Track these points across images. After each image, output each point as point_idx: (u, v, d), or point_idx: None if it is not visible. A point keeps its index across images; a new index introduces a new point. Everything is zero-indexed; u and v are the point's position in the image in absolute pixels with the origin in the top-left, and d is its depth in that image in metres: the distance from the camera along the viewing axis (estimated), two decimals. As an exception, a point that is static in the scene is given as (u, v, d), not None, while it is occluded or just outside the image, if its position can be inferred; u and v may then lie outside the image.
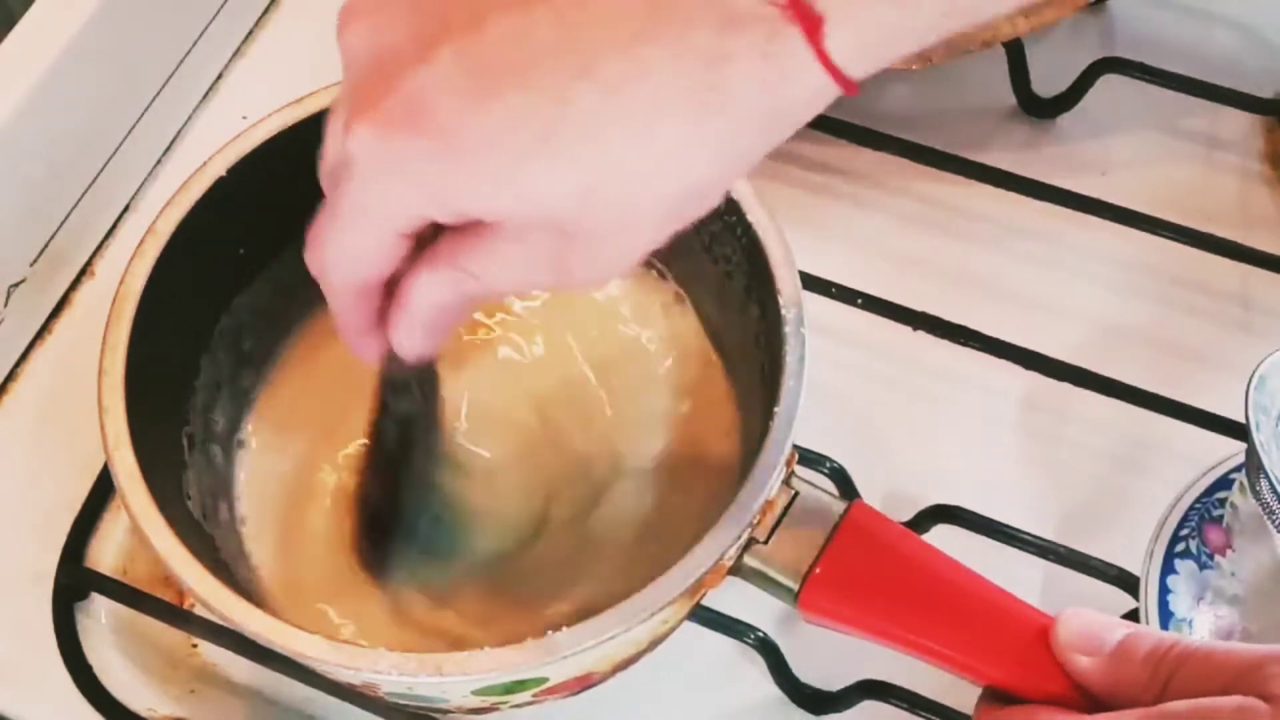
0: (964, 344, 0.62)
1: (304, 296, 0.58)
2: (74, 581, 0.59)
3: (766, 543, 0.48)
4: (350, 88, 0.39)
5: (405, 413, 0.50)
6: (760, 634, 0.56)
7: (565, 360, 0.58)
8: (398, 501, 0.53)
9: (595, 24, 0.35)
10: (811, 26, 0.35)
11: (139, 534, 0.48)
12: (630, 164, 0.36)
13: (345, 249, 0.40)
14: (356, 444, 0.56)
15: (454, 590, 0.54)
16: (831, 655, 0.55)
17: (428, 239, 0.40)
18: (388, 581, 0.53)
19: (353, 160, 0.38)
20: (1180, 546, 0.55)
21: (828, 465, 0.59)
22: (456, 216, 0.38)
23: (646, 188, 0.37)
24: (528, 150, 0.36)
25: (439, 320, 0.41)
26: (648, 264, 0.59)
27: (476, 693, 0.48)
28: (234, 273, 0.57)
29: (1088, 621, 0.44)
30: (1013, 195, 0.66)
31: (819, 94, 0.36)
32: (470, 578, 0.54)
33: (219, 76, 0.73)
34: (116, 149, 0.67)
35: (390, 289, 0.41)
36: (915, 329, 0.62)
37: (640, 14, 0.35)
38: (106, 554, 0.60)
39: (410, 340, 0.42)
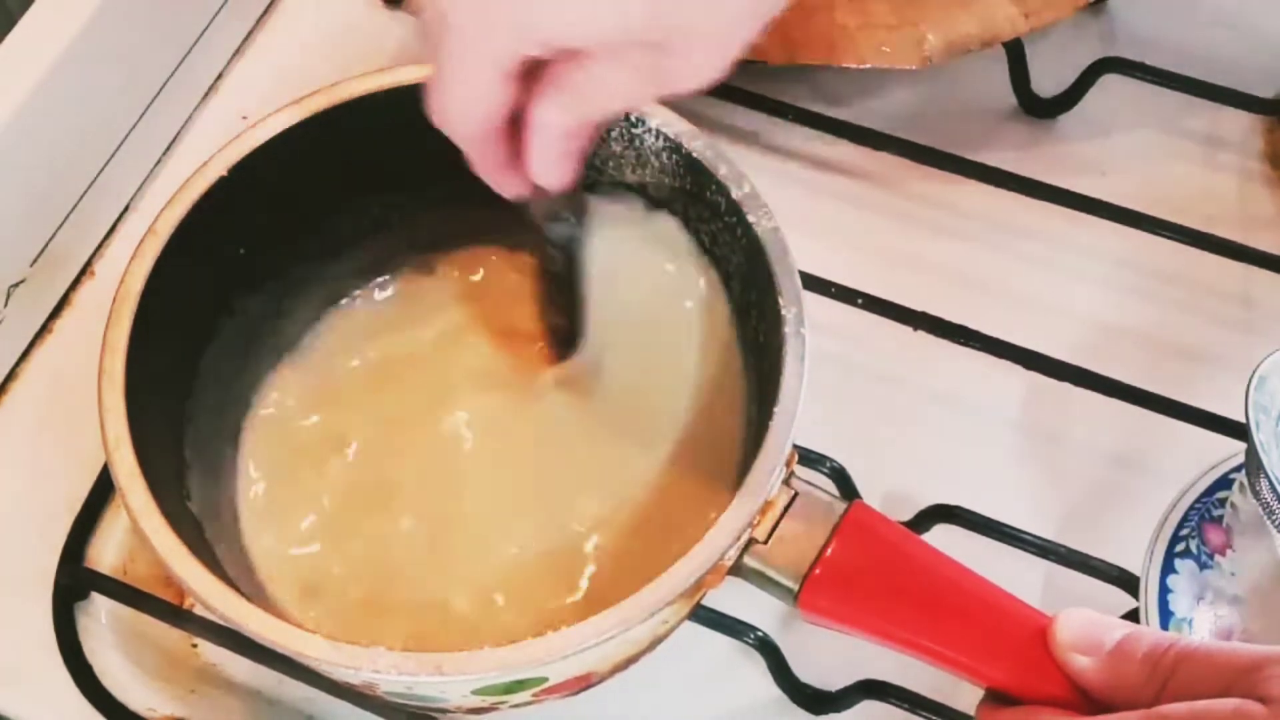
0: (964, 344, 0.62)
1: (303, 295, 0.58)
2: (74, 581, 0.59)
3: (766, 543, 0.48)
4: None
5: (565, 237, 0.52)
6: (760, 634, 0.56)
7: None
8: (577, 313, 0.55)
9: None
10: None
11: (139, 534, 0.48)
12: None
13: (457, 98, 0.43)
14: (356, 443, 0.56)
15: (434, 592, 0.54)
16: (831, 655, 0.55)
17: (537, 76, 0.42)
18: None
19: (445, 11, 0.40)
20: (1180, 546, 0.55)
21: (828, 465, 0.59)
22: (548, 49, 0.41)
23: None
24: None
25: (567, 145, 0.44)
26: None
27: (476, 692, 0.48)
28: (234, 273, 0.57)
29: (1086, 621, 0.44)
30: (1013, 195, 0.66)
31: None
32: (463, 582, 0.54)
33: (219, 76, 0.73)
34: (116, 149, 0.67)
35: (516, 127, 0.44)
36: (915, 329, 0.62)
37: None
38: (106, 554, 0.60)
39: (546, 168, 0.44)
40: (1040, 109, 0.70)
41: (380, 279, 0.60)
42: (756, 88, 0.67)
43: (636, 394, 0.56)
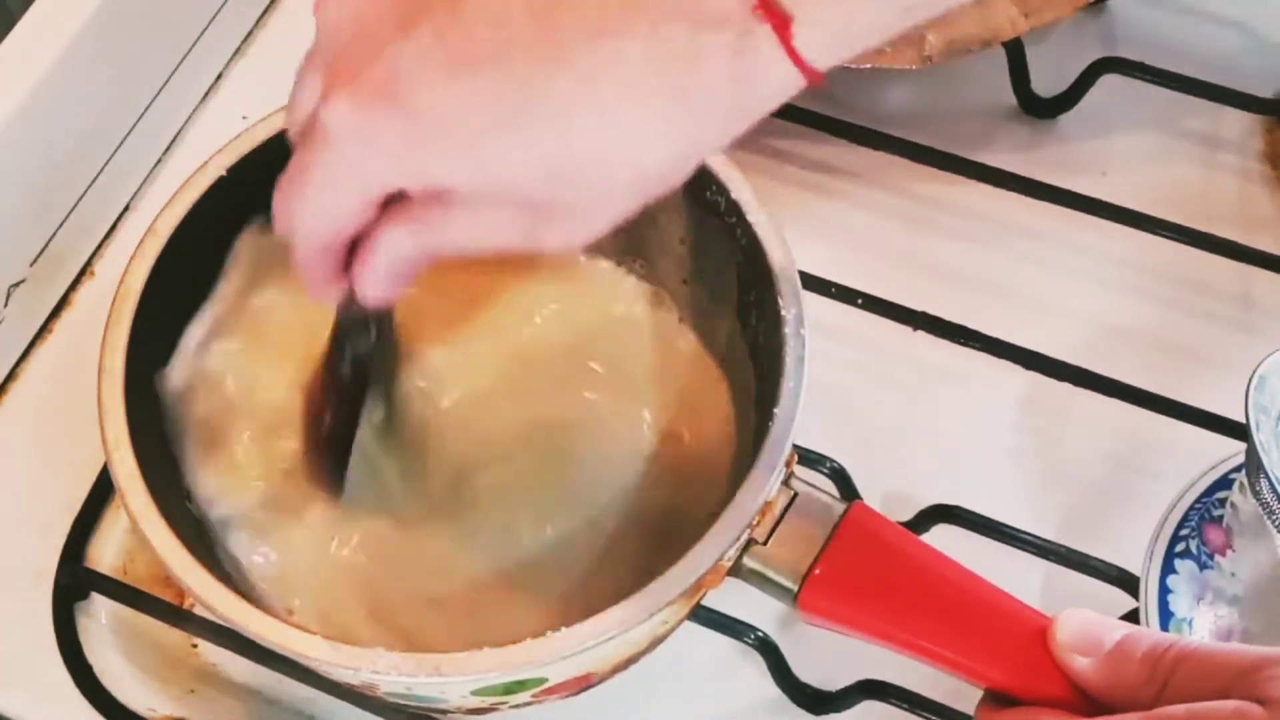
0: (964, 344, 0.62)
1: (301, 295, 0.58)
2: (74, 581, 0.59)
3: (766, 543, 0.48)
4: (329, 57, 0.40)
5: (361, 352, 0.50)
6: (760, 634, 0.56)
7: (562, 357, 0.58)
8: (346, 432, 0.53)
9: (573, 15, 0.37)
10: (781, 25, 0.36)
11: (139, 534, 0.48)
12: (598, 150, 0.38)
13: (313, 211, 0.41)
14: (361, 439, 0.56)
15: (434, 592, 0.54)
16: (831, 655, 0.55)
17: (397, 195, 0.41)
18: (335, 497, 0.54)
19: (328, 129, 0.39)
20: (1180, 546, 0.55)
21: (828, 465, 0.59)
22: (427, 188, 0.40)
23: (612, 172, 0.38)
24: (501, 129, 0.37)
25: (402, 270, 0.43)
26: (648, 265, 0.59)
27: (476, 693, 0.48)
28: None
29: (1086, 622, 0.43)
30: (1013, 195, 0.66)
31: (786, 87, 0.38)
32: (460, 582, 0.54)
33: (219, 76, 0.73)
34: (116, 149, 0.67)
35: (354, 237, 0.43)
36: (915, 329, 0.62)
37: (616, 9, 0.37)
38: (106, 554, 0.60)
39: (373, 289, 0.43)
40: (1040, 109, 0.70)
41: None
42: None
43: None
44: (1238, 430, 0.55)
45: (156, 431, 0.52)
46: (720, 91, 0.37)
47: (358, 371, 0.51)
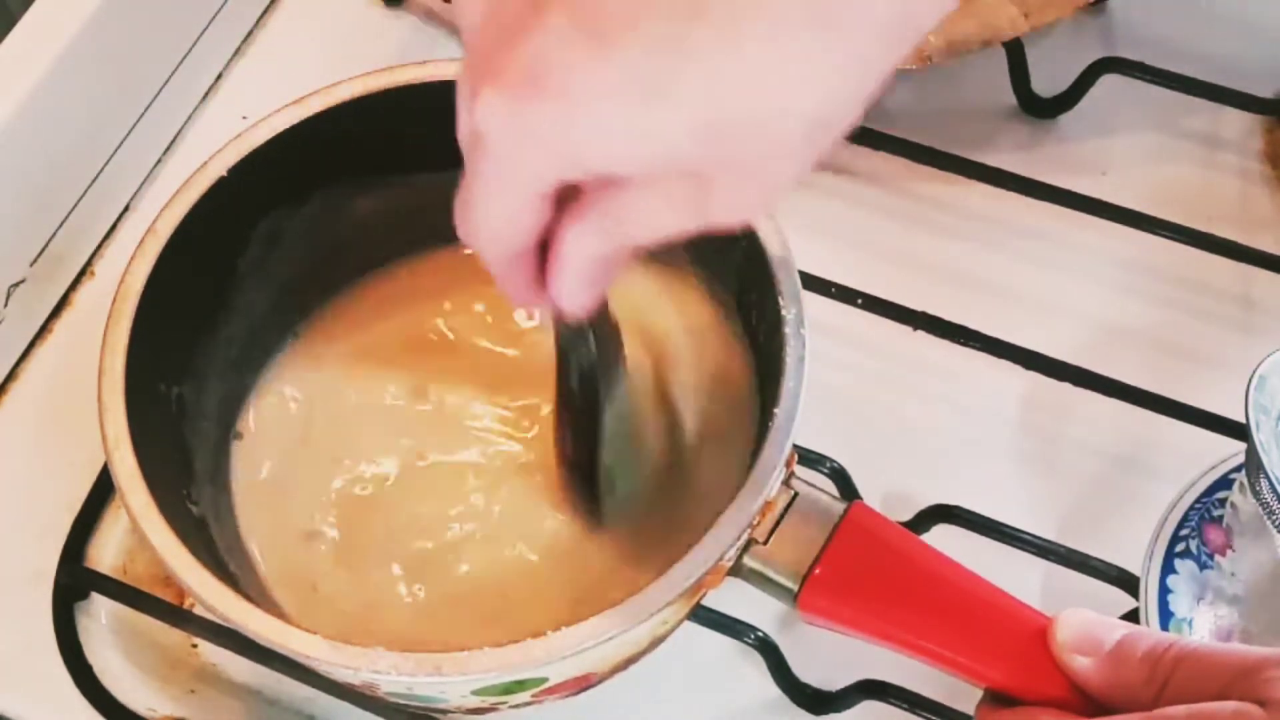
0: (964, 344, 0.62)
1: (302, 295, 0.58)
2: (74, 581, 0.59)
3: (766, 543, 0.48)
4: (471, 56, 0.39)
5: (586, 365, 0.49)
6: (760, 634, 0.56)
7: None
8: (596, 452, 0.52)
9: None
10: None
11: (139, 534, 0.48)
12: (754, 100, 0.36)
13: (491, 218, 0.41)
14: (359, 441, 0.56)
15: (435, 592, 0.54)
16: (831, 655, 0.55)
17: (571, 195, 0.40)
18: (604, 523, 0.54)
19: (482, 131, 0.38)
20: (1180, 546, 0.55)
21: (828, 465, 0.59)
22: (592, 174, 0.38)
23: (773, 118, 0.36)
24: (649, 97, 0.36)
25: (595, 272, 0.41)
26: (647, 266, 0.59)
27: (476, 693, 0.48)
28: (234, 272, 0.57)
29: (1086, 622, 0.43)
30: (1013, 195, 0.66)
31: None
32: (462, 581, 0.54)
33: (219, 76, 0.73)
34: (116, 149, 0.67)
35: (545, 246, 0.42)
36: (915, 329, 0.62)
37: None
38: (106, 554, 0.60)
39: (570, 295, 0.42)
40: (1040, 109, 0.70)
41: (383, 278, 0.60)
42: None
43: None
44: (1238, 430, 0.55)
45: (156, 431, 0.52)
46: (871, 6, 0.35)
47: (587, 385, 0.50)
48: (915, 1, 0.36)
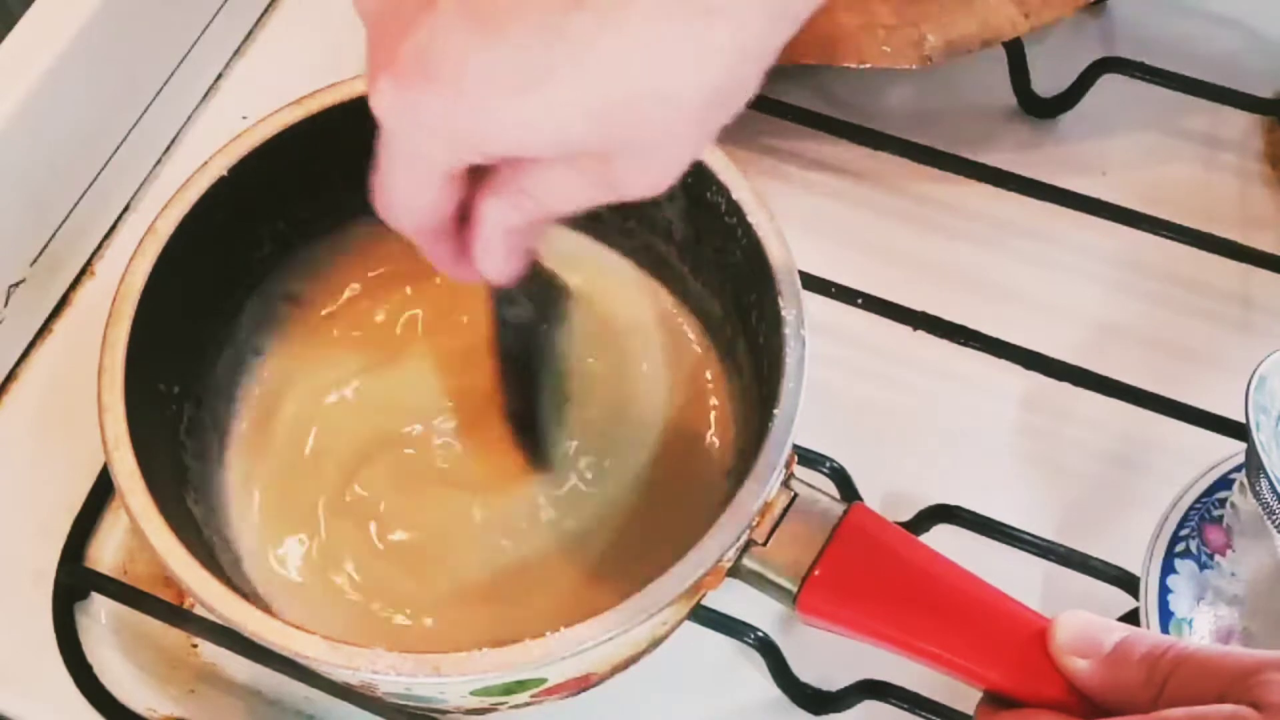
0: (964, 344, 0.62)
1: (301, 297, 0.58)
2: (74, 581, 0.59)
3: (765, 544, 0.48)
4: (371, 46, 0.39)
5: (522, 321, 0.51)
6: (760, 634, 0.56)
7: (559, 359, 0.58)
8: (535, 401, 0.54)
9: None
10: None
11: (139, 534, 0.48)
12: (641, 82, 0.36)
13: (399, 196, 0.42)
14: (355, 442, 0.56)
15: (432, 592, 0.54)
16: (831, 655, 0.55)
17: (488, 167, 0.41)
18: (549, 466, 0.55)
19: (379, 118, 0.39)
20: (1180, 546, 0.55)
21: (828, 465, 0.59)
22: (489, 157, 0.39)
23: (661, 100, 0.37)
24: (538, 83, 0.36)
25: (514, 242, 0.42)
26: (648, 266, 0.59)
27: (475, 693, 0.48)
28: (234, 272, 0.57)
29: (1084, 624, 0.43)
30: (1013, 195, 0.66)
31: None
32: (461, 581, 0.54)
33: (219, 76, 0.73)
34: (116, 149, 0.67)
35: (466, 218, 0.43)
36: (915, 329, 0.62)
37: None
38: (106, 554, 0.60)
39: (492, 265, 0.43)
40: (1040, 109, 0.70)
41: (382, 278, 0.60)
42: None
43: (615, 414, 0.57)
44: (1238, 430, 0.55)
45: (156, 431, 0.52)
46: None
47: (522, 342, 0.52)
48: None
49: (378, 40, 0.39)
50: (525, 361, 0.53)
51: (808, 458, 0.58)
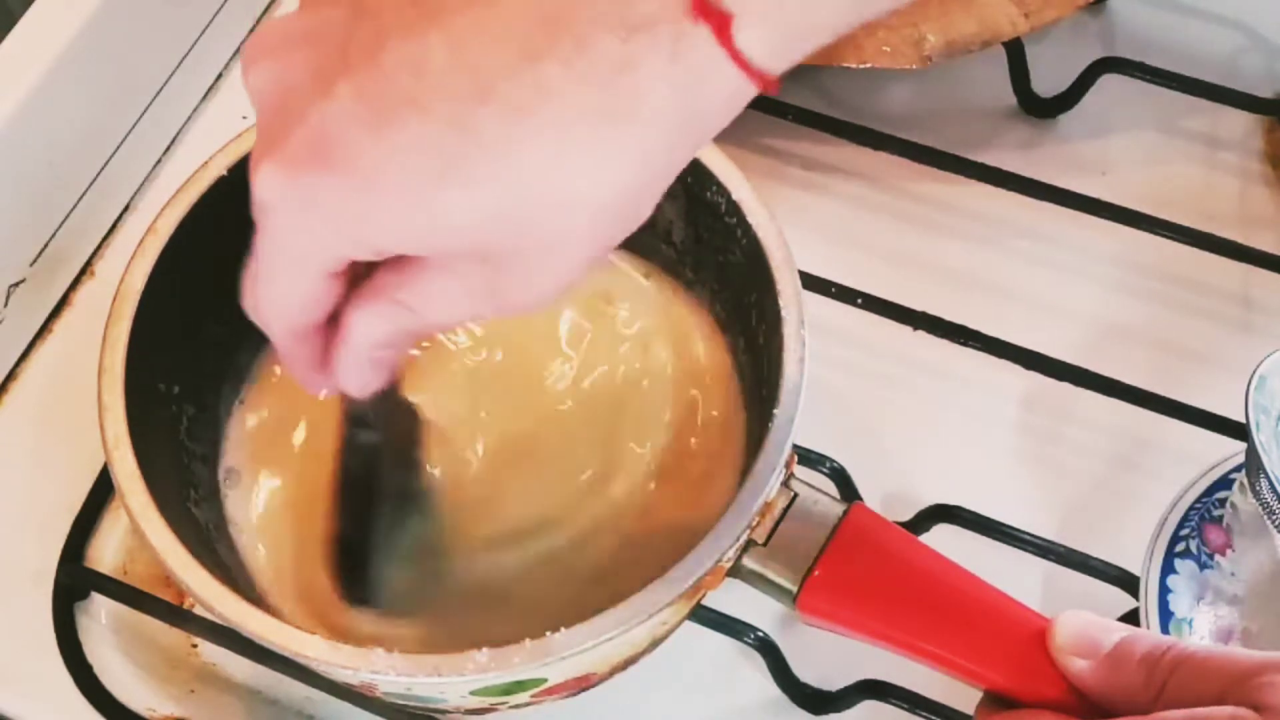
0: (964, 344, 0.62)
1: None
2: (74, 581, 0.59)
3: (765, 544, 0.48)
4: (259, 135, 0.38)
5: (366, 443, 0.49)
6: (760, 634, 0.56)
7: (559, 360, 0.58)
8: (371, 531, 0.52)
9: (490, 45, 0.34)
10: (720, 25, 0.34)
11: (139, 534, 0.48)
12: (542, 185, 0.35)
13: (275, 294, 0.40)
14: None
15: (444, 598, 0.54)
16: (831, 655, 0.55)
17: (363, 274, 0.39)
18: (375, 607, 0.53)
19: (262, 204, 0.37)
20: (1180, 546, 0.55)
21: (828, 465, 0.59)
22: (376, 253, 0.38)
23: (564, 207, 0.36)
24: (434, 179, 0.35)
25: (380, 356, 0.41)
26: (648, 267, 0.59)
27: (475, 693, 0.48)
28: (234, 272, 0.57)
29: (1084, 624, 0.43)
30: (1013, 195, 0.66)
31: (736, 94, 0.36)
32: (460, 582, 0.54)
33: (219, 76, 0.73)
34: (116, 149, 0.67)
35: (333, 323, 0.41)
36: (915, 329, 0.62)
37: (536, 30, 0.34)
38: (106, 554, 0.60)
39: (353, 377, 0.41)
40: (1040, 109, 0.70)
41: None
42: (756, 88, 0.67)
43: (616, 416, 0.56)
44: (1238, 430, 0.55)
45: (156, 431, 0.52)
46: (660, 103, 0.35)
47: (365, 465, 0.50)
48: (704, 101, 0.35)
49: (268, 124, 0.37)
50: (365, 485, 0.51)
51: (808, 458, 0.58)
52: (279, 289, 0.39)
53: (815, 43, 0.36)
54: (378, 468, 0.50)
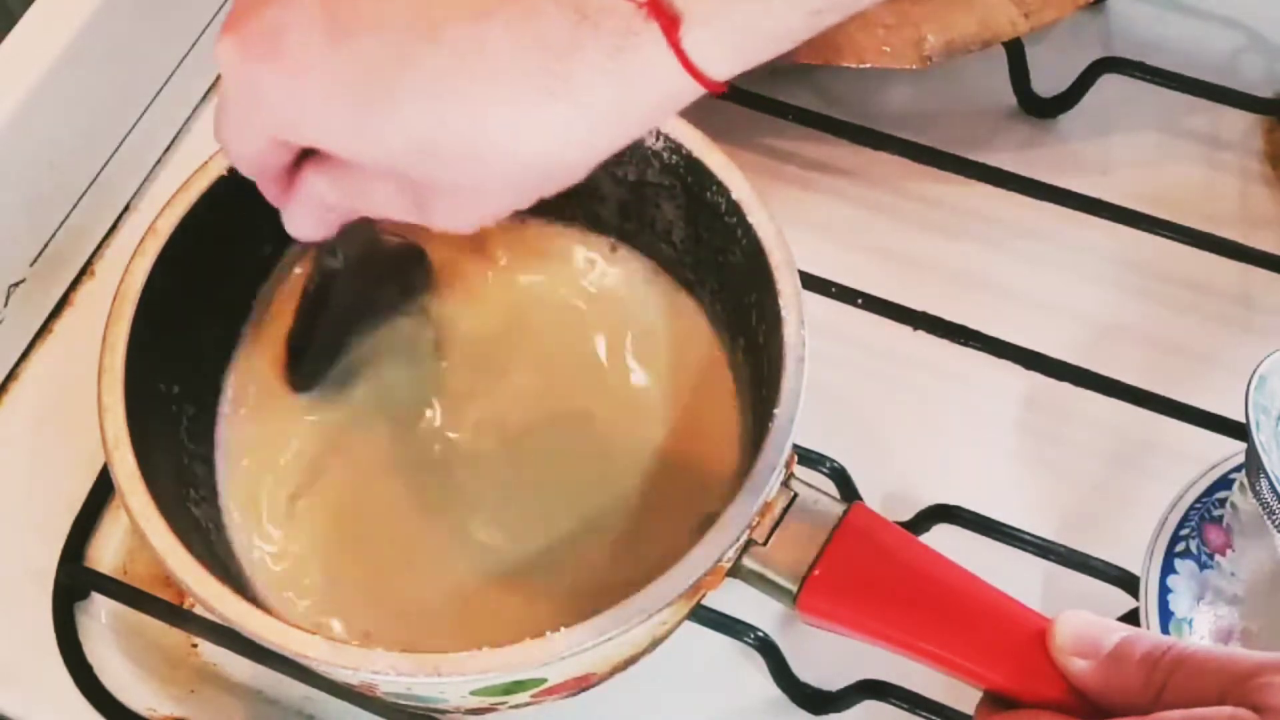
0: (964, 344, 0.62)
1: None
2: (74, 581, 0.59)
3: (765, 544, 0.48)
4: (233, 9, 0.40)
5: (327, 270, 0.53)
6: (760, 634, 0.56)
7: (566, 356, 0.58)
8: (312, 334, 0.56)
9: None
10: (669, 25, 0.36)
11: (139, 534, 0.48)
12: (468, 134, 0.37)
13: (229, 142, 0.43)
14: (351, 445, 0.56)
15: (431, 592, 0.54)
16: (831, 655, 0.55)
17: None
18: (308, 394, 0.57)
19: (221, 69, 0.40)
20: (1180, 546, 0.55)
21: (828, 465, 0.59)
22: (310, 144, 0.40)
23: (485, 159, 0.38)
24: (373, 100, 0.37)
25: (324, 215, 0.43)
26: (648, 267, 0.59)
27: (475, 693, 0.48)
28: (234, 272, 0.57)
29: (1084, 624, 0.43)
30: (1013, 195, 0.66)
31: (676, 92, 0.37)
32: (459, 579, 0.54)
33: (219, 76, 0.72)
34: (116, 149, 0.67)
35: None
36: (915, 329, 0.62)
37: None
38: (106, 554, 0.60)
39: (299, 225, 0.44)
40: (1040, 109, 0.70)
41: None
42: (756, 88, 0.67)
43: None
44: (1238, 430, 0.55)
45: (156, 431, 0.52)
46: (595, 87, 0.36)
47: (322, 285, 0.53)
48: (641, 95, 0.37)
49: (240, 6, 0.40)
50: (321, 301, 0.54)
51: (808, 458, 0.58)
52: (233, 138, 0.42)
53: (771, 50, 0.37)
54: (333, 287, 0.53)
